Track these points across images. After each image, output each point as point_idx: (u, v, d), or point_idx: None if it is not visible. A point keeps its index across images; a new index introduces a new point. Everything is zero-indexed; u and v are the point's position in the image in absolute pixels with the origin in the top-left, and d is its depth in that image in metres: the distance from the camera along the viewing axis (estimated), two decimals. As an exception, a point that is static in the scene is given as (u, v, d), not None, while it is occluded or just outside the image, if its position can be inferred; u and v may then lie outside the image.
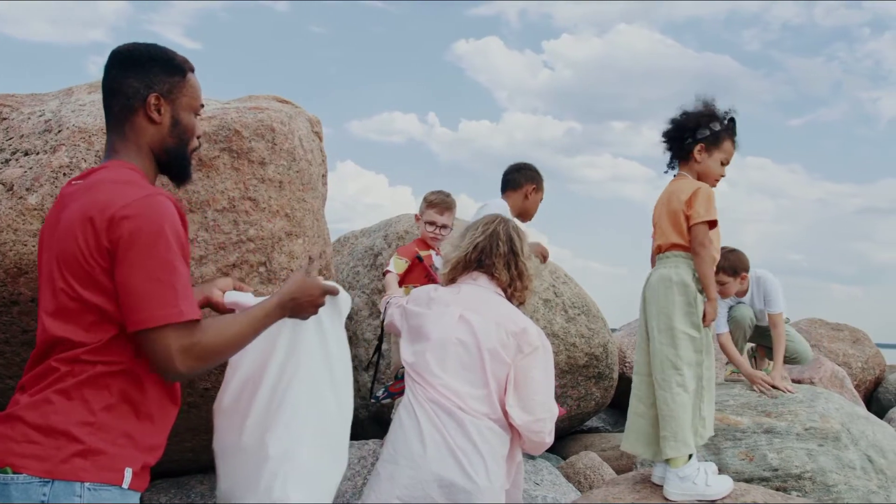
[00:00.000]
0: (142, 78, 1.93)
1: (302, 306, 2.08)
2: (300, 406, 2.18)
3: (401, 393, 4.09)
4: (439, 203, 4.28)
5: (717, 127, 3.45)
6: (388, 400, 4.17)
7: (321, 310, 2.18)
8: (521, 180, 4.51)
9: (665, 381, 3.24)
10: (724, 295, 5.08)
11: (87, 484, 1.67)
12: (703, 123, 3.47)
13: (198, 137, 2.09)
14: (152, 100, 1.92)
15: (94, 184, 1.81)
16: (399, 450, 2.56)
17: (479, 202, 4.53)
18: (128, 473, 1.74)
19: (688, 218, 3.30)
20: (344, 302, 2.33)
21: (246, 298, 2.25)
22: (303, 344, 2.22)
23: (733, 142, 3.50)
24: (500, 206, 4.36)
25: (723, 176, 3.53)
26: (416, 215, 4.42)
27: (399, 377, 4.17)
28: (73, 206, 1.79)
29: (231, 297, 2.26)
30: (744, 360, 5.11)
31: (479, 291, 2.79)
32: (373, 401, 4.25)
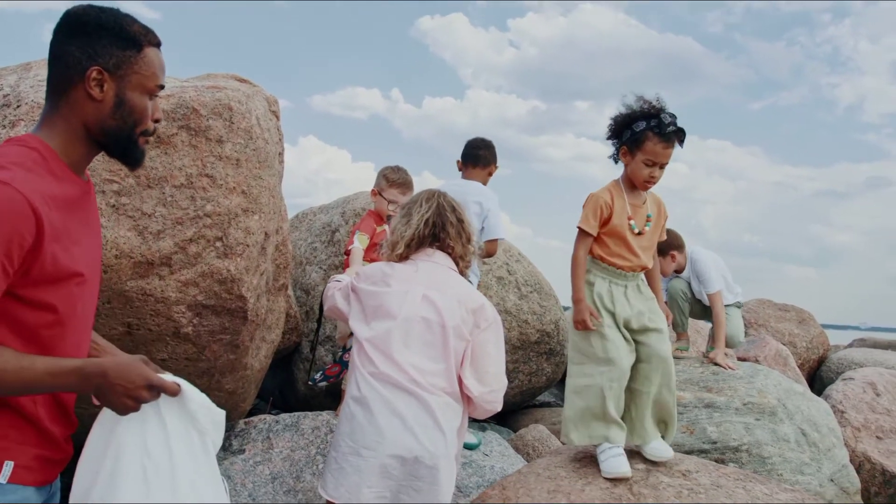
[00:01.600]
0: (86, 47, 1.71)
1: (112, 390, 1.65)
2: None
3: (336, 377, 4.21)
4: (403, 183, 4.38)
5: (638, 127, 3.29)
6: (324, 384, 4.26)
7: (169, 421, 1.76)
8: (488, 158, 4.65)
9: (571, 368, 3.41)
10: (662, 274, 5.42)
11: None
12: (626, 125, 3.35)
13: (155, 120, 1.84)
14: (93, 73, 1.71)
15: None
16: (359, 440, 2.61)
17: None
18: (7, 467, 1.61)
19: None
20: (202, 412, 1.82)
21: None
22: (126, 471, 1.73)
23: (661, 140, 3.26)
24: (476, 188, 4.48)
25: (653, 177, 3.34)
26: (373, 190, 4.47)
27: (338, 360, 4.27)
28: None
29: None
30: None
31: (437, 269, 2.87)
32: (310, 384, 4.35)
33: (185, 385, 1.80)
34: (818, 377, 8.38)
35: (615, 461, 3.24)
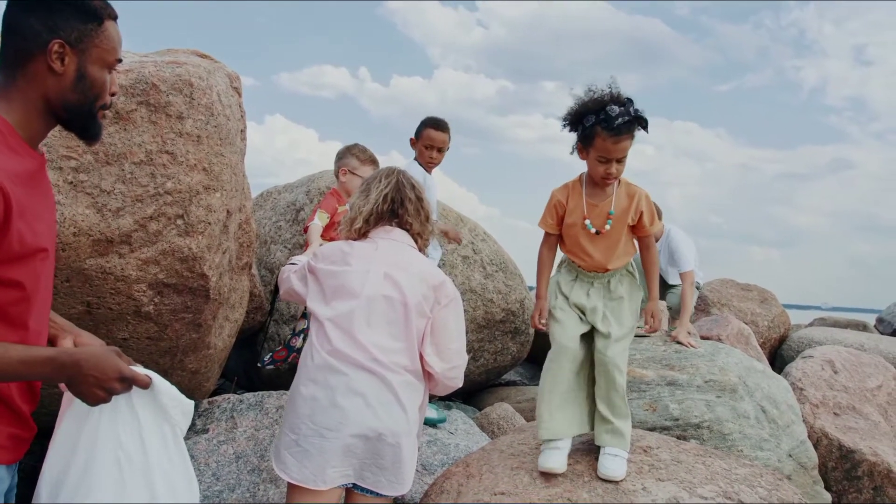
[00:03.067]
0: (46, 20, 1.67)
1: (84, 380, 1.64)
2: None
3: (283, 361, 4.20)
4: (374, 160, 4.44)
5: (588, 122, 3.05)
6: (272, 367, 4.25)
7: (141, 414, 1.77)
8: (417, 133, 4.64)
9: None
10: None
11: None
12: (578, 119, 3.12)
13: (112, 94, 1.82)
14: (55, 47, 1.68)
15: None
16: (320, 422, 2.60)
17: (408, 160, 4.65)
18: None
19: None
20: (173, 404, 1.83)
21: None
22: (101, 463, 1.74)
23: (611, 135, 3.00)
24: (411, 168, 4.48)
25: (609, 174, 3.10)
26: (342, 170, 4.47)
27: (286, 344, 4.26)
28: None
29: None
30: None
31: (397, 247, 2.86)
32: (258, 365, 4.34)
33: (156, 378, 1.80)
34: (779, 355, 8.52)
35: (546, 454, 3.11)
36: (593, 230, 3.19)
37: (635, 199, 3.21)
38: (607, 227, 3.17)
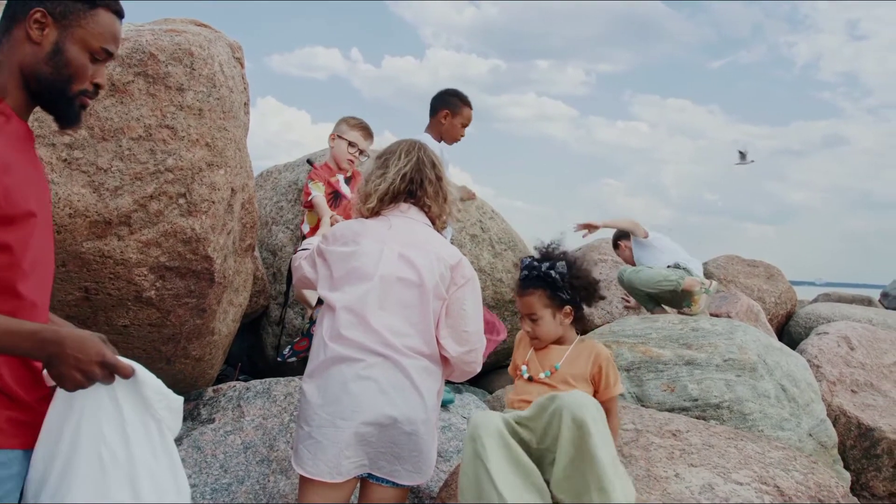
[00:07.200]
0: None
1: (65, 360, 1.56)
2: None
3: (306, 351, 4.05)
4: (365, 127, 4.42)
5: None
6: (294, 359, 4.12)
7: (125, 408, 1.69)
8: (437, 106, 4.60)
9: None
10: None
11: None
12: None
13: (97, 85, 1.78)
14: (36, 14, 1.67)
15: None
16: (334, 412, 2.47)
17: (421, 132, 4.57)
18: None
19: None
20: (158, 398, 1.73)
21: None
22: (83, 458, 1.66)
23: (517, 288, 2.86)
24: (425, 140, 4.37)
25: (527, 331, 2.85)
26: (331, 135, 4.47)
27: (306, 333, 4.11)
28: None
29: None
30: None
31: (412, 225, 2.71)
32: (279, 360, 4.20)
33: (141, 370, 1.71)
34: (786, 332, 8.43)
35: None
36: (525, 375, 2.85)
37: (595, 360, 2.79)
38: (543, 376, 2.79)
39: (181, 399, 1.79)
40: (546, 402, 2.42)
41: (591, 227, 6.09)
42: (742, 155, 12.53)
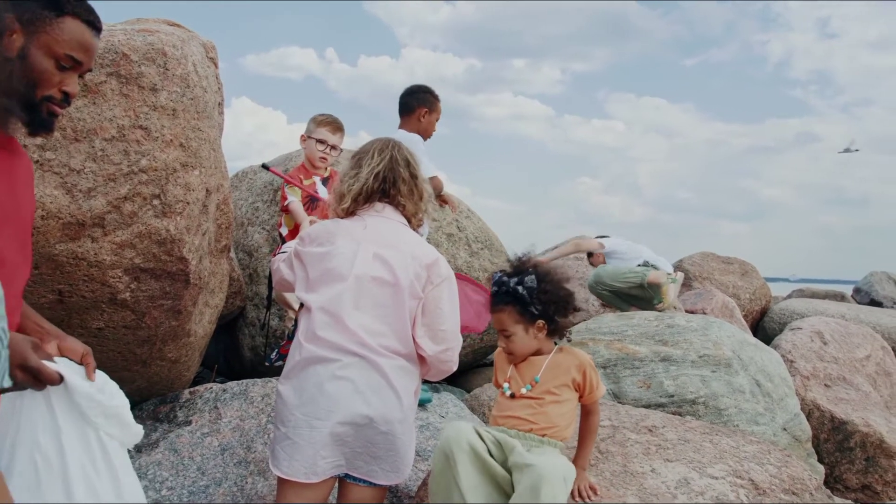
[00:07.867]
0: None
1: None
2: None
3: None
4: (331, 122, 4.37)
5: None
6: (281, 363, 4.11)
7: (60, 416, 1.68)
8: (413, 104, 4.63)
9: None
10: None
11: None
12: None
13: (66, 94, 1.78)
14: (8, 22, 1.68)
15: None
16: (310, 412, 2.47)
17: (399, 130, 4.57)
18: None
19: None
20: (90, 405, 1.71)
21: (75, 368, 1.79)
22: (19, 464, 1.65)
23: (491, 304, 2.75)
24: (400, 136, 4.37)
25: (503, 347, 2.76)
26: (301, 136, 4.44)
27: (290, 336, 4.10)
28: None
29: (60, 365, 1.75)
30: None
31: (387, 224, 2.71)
32: (266, 364, 4.18)
33: (73, 377, 1.71)
34: (761, 327, 8.53)
35: None
36: (508, 392, 2.78)
37: (579, 370, 2.75)
38: (524, 390, 2.72)
39: (122, 405, 1.78)
40: (521, 463, 2.40)
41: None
42: (848, 149, 12.93)
